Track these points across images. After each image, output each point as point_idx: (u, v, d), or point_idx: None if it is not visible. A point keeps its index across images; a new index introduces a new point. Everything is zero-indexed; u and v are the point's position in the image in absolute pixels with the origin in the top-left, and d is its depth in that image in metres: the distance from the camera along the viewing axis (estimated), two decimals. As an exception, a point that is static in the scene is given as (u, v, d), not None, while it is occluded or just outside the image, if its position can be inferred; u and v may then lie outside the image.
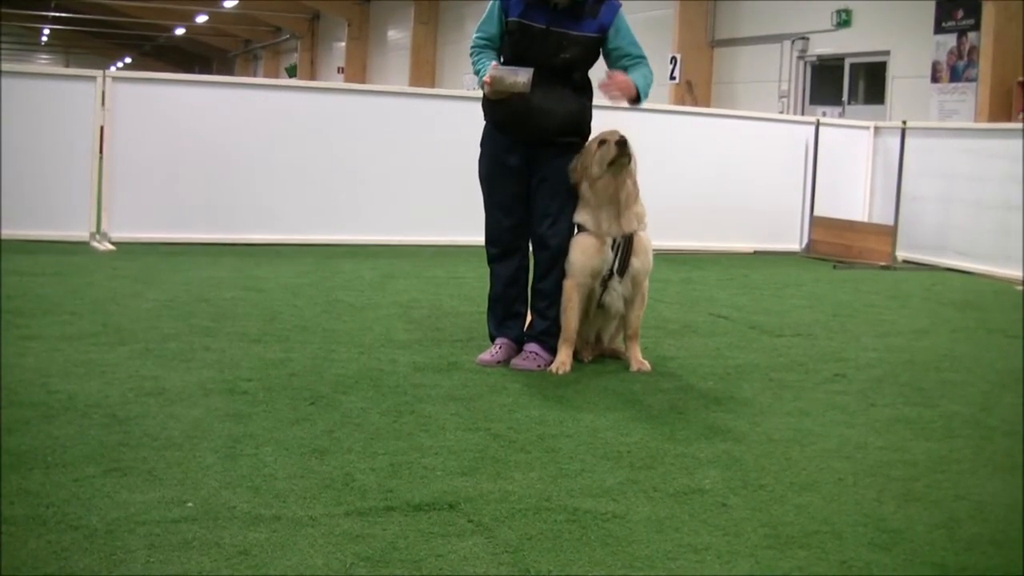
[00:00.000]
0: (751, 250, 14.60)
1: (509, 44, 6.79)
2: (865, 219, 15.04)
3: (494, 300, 7.09)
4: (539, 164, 6.86)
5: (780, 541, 4.08)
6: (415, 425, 5.42)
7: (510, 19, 6.73)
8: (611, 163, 6.76)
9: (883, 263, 13.53)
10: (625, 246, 6.88)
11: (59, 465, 4.54)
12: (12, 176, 11.64)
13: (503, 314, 7.04)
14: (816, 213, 14.85)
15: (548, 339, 6.91)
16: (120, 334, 7.20)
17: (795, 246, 14.95)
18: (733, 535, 4.12)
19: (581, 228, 6.88)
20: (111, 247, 11.67)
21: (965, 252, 13.50)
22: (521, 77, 6.47)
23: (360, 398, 5.88)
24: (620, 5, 6.89)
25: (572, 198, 6.90)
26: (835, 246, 14.36)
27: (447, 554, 3.82)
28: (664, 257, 13.12)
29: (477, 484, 4.56)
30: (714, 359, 7.35)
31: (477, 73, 6.76)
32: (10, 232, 11.49)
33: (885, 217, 14.43)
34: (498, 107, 6.77)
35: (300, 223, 12.78)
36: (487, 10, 6.88)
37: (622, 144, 6.79)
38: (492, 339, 7.06)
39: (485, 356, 6.88)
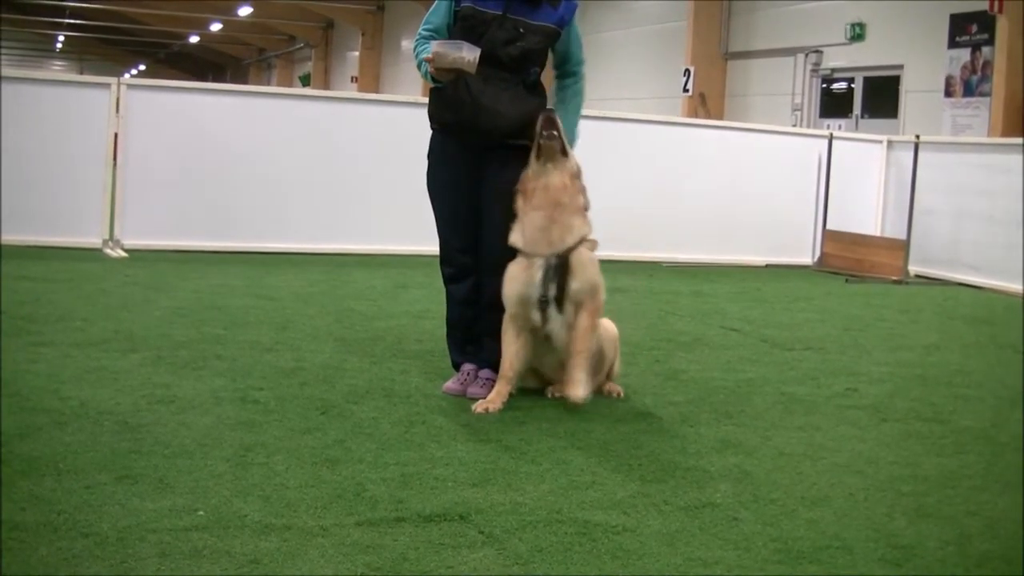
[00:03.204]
0: (763, 263, 14.59)
1: (460, 33, 6.23)
2: (877, 233, 15.02)
3: (452, 325, 6.62)
4: (489, 171, 6.34)
5: (791, 556, 4.08)
6: (426, 436, 5.42)
7: (462, 5, 6.27)
8: (538, 146, 6.14)
9: (895, 277, 13.51)
10: (559, 268, 6.06)
11: (70, 472, 4.55)
12: (26, 182, 11.66)
13: (463, 338, 6.57)
14: (828, 227, 14.82)
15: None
16: (132, 341, 7.22)
17: (807, 260, 14.93)
18: (743, 549, 4.12)
19: (517, 250, 6.17)
20: (123, 254, 11.70)
21: (977, 267, 13.49)
22: (467, 53, 5.94)
23: (371, 408, 5.88)
24: (578, 5, 6.51)
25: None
26: (847, 260, 14.33)
27: (457, 566, 3.82)
28: (676, 270, 13.14)
29: (488, 496, 4.56)
30: (725, 372, 7.34)
31: (420, 64, 6.24)
32: (23, 238, 11.52)
33: (897, 231, 14.41)
34: (448, 107, 6.31)
35: (312, 232, 12.79)
36: (436, 1, 6.46)
37: (549, 119, 6.15)
38: (456, 366, 6.58)
39: (451, 384, 6.41)
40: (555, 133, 6.12)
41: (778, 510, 4.59)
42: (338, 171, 12.93)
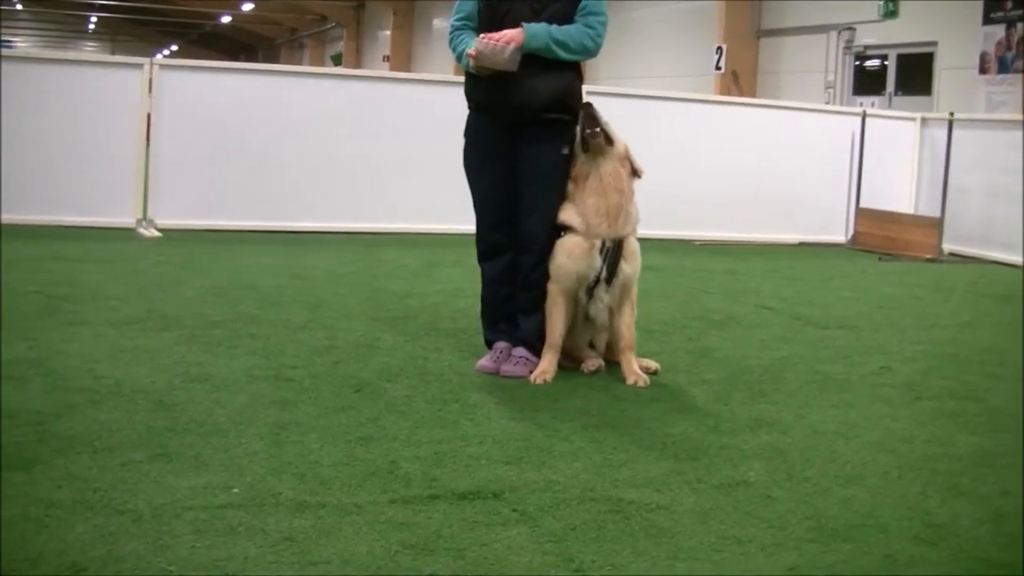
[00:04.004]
0: (796, 241, 14.55)
1: (486, 13, 6.32)
2: (911, 211, 14.95)
3: (486, 303, 6.68)
4: (524, 148, 6.35)
5: (824, 534, 4.07)
6: (460, 413, 5.43)
7: None
8: (583, 142, 6.26)
9: (929, 255, 13.45)
10: (614, 251, 6.28)
11: (106, 450, 4.57)
12: (60, 163, 11.75)
13: (496, 316, 6.62)
14: (862, 205, 14.78)
15: (538, 342, 6.41)
16: (166, 320, 7.25)
17: (840, 238, 14.88)
18: (777, 527, 4.11)
19: (567, 228, 6.30)
20: (157, 234, 11.74)
21: (1011, 245, 13.39)
22: (506, 54, 6.05)
23: (405, 386, 5.90)
24: None
25: (562, 187, 6.37)
26: (880, 238, 14.28)
27: (491, 543, 3.82)
28: (709, 248, 13.12)
29: (521, 473, 4.57)
30: (759, 351, 7.33)
31: (459, 56, 6.33)
32: (58, 218, 11.63)
33: (931, 209, 14.34)
34: (478, 86, 6.35)
35: (345, 211, 12.82)
36: None
37: (590, 115, 6.27)
38: (488, 344, 6.63)
39: (485, 363, 6.43)
40: (598, 130, 6.23)
41: (812, 488, 4.58)
42: (370, 151, 12.95)
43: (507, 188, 6.42)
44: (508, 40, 6.10)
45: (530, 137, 6.34)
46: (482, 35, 6.18)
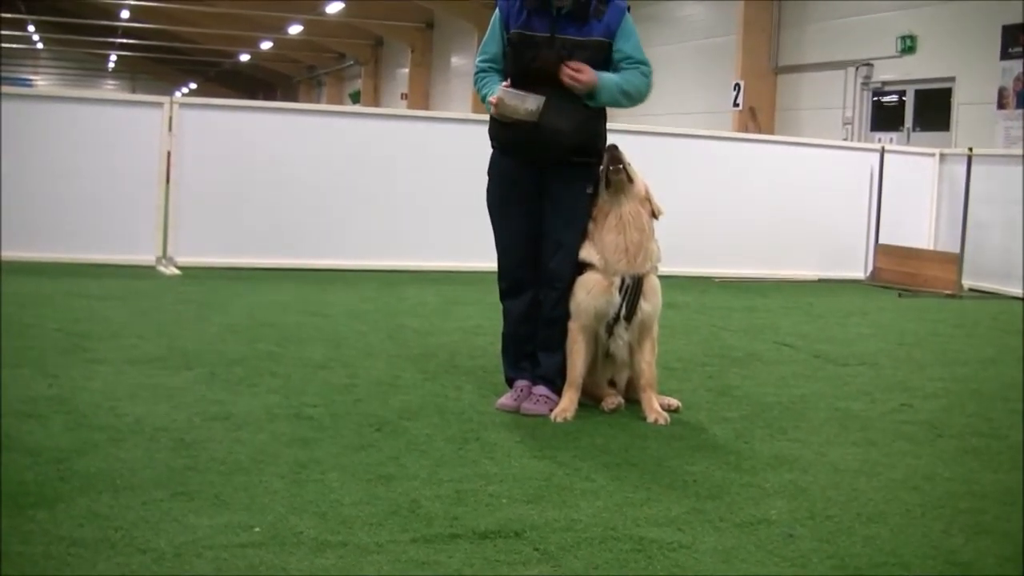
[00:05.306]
0: (815, 278, 14.53)
1: (512, 57, 6.34)
2: (930, 247, 14.93)
3: (507, 340, 6.67)
4: (550, 189, 6.39)
5: (847, 573, 4.05)
6: (480, 452, 5.42)
7: (512, 31, 6.31)
8: (606, 180, 6.31)
9: (949, 291, 13.42)
10: (634, 288, 6.31)
11: (128, 488, 4.58)
12: (81, 200, 11.80)
13: (517, 354, 6.61)
14: (881, 240, 14.75)
15: (559, 380, 6.42)
16: (186, 358, 7.26)
17: (859, 274, 14.86)
18: (800, 566, 4.10)
19: (587, 265, 6.33)
20: (177, 271, 11.77)
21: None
22: (529, 104, 6.10)
23: (425, 425, 5.89)
24: (627, 6, 6.45)
25: (586, 228, 6.42)
26: (900, 274, 14.25)
27: (513, 582, 3.82)
28: (728, 285, 13.10)
29: (543, 512, 4.55)
30: (779, 388, 7.31)
31: (484, 98, 6.39)
32: (78, 256, 11.68)
33: (951, 245, 14.32)
34: (504, 128, 6.33)
35: (364, 248, 12.83)
36: (489, 29, 6.53)
37: (614, 157, 6.30)
38: (508, 382, 6.62)
39: (505, 400, 6.41)
40: (620, 167, 6.27)
41: (834, 527, 4.56)
42: (389, 188, 12.98)
43: (531, 226, 6.44)
44: (589, 77, 6.18)
45: (556, 177, 6.37)
46: (505, 83, 6.23)
